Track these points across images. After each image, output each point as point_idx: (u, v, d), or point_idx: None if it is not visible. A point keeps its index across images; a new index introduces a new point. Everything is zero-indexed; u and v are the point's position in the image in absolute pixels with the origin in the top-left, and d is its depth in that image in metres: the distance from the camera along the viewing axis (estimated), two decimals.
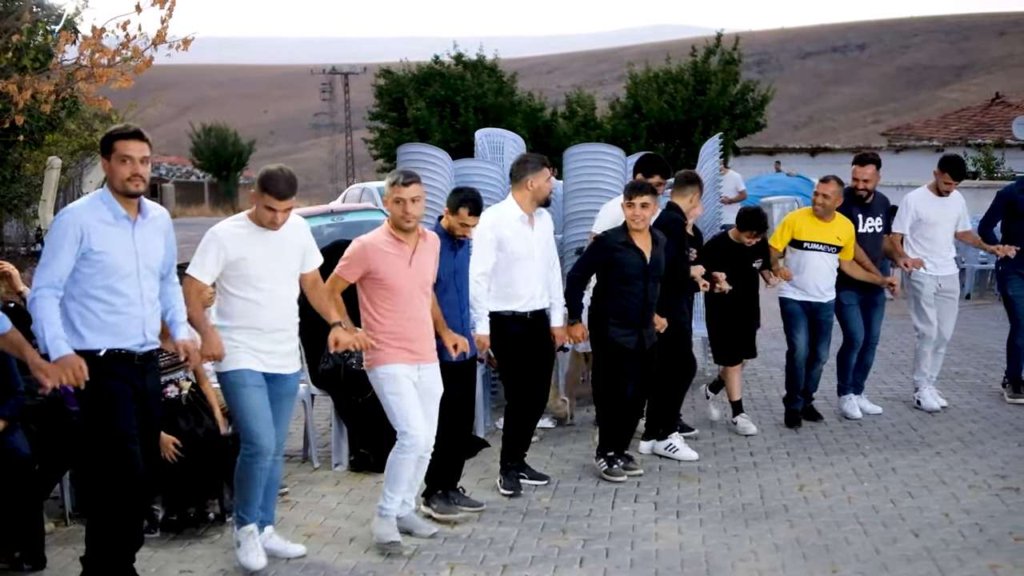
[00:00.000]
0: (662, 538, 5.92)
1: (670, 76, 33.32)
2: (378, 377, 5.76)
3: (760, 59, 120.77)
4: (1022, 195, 8.78)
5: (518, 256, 6.61)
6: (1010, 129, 27.04)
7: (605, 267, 6.85)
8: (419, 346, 5.77)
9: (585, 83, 72.29)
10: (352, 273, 5.74)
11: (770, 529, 6.03)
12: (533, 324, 6.72)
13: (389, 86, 37.67)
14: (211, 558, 5.71)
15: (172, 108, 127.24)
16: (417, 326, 5.77)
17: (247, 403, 5.42)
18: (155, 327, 5.12)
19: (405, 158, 9.08)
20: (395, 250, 5.72)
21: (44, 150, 11.97)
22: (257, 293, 5.43)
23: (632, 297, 6.79)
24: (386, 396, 5.75)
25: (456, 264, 6.21)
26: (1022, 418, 8.32)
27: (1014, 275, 8.77)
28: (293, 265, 5.56)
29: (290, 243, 5.54)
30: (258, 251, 5.41)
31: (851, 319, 8.38)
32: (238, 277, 5.42)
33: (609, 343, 6.84)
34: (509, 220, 6.64)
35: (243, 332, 5.43)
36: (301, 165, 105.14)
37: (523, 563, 5.60)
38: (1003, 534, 5.81)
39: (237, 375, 5.43)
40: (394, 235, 5.75)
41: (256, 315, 5.43)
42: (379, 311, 5.73)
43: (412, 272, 5.73)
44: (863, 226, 8.32)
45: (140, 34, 9.16)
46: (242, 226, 5.48)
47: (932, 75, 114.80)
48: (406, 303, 5.72)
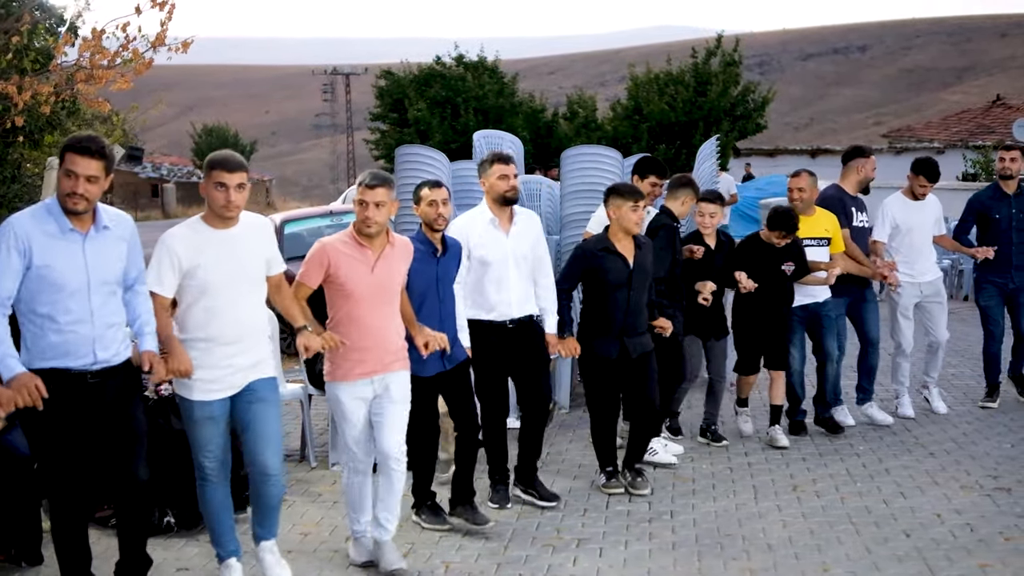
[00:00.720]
0: (656, 537, 5.96)
1: (671, 77, 33.37)
2: (329, 393, 5.52)
3: (761, 60, 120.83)
4: (991, 201, 8.57)
5: (488, 262, 6.25)
6: (1010, 131, 27.03)
7: (587, 276, 6.63)
8: (374, 357, 5.36)
9: (586, 84, 72.31)
10: (312, 277, 5.36)
11: (763, 529, 6.07)
12: (515, 333, 6.31)
13: (390, 87, 37.73)
14: (207, 556, 5.73)
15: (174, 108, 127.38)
16: (374, 337, 5.36)
17: (195, 434, 5.12)
18: (111, 344, 4.77)
19: (403, 160, 9.13)
20: (357, 254, 5.34)
21: (44, 150, 12.02)
22: (216, 302, 4.98)
23: (614, 305, 6.53)
24: (334, 414, 5.63)
25: (439, 271, 5.90)
26: (1016, 420, 8.36)
27: (988, 284, 8.62)
28: (256, 270, 5.12)
29: (251, 245, 5.09)
30: (215, 256, 4.95)
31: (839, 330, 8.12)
32: (195, 287, 4.97)
33: (589, 354, 6.61)
34: (477, 225, 6.30)
35: (196, 347, 4.98)
36: (303, 166, 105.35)
37: (517, 561, 5.64)
38: (994, 534, 5.86)
39: (187, 406, 5.10)
40: (357, 239, 5.36)
41: (211, 325, 4.99)
42: (338, 318, 5.38)
43: (374, 279, 5.33)
44: (856, 219, 8.14)
45: (140, 36, 9.20)
46: (196, 230, 5.01)
47: (933, 77, 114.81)
48: (365, 311, 5.34)
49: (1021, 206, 8.53)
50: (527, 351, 6.36)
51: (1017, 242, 8.50)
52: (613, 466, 6.77)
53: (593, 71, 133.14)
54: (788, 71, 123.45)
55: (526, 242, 6.37)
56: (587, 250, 6.63)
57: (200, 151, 60.14)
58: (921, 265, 8.33)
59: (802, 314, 7.89)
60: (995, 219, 8.49)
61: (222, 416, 5.10)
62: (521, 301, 6.33)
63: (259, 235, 5.16)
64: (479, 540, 5.95)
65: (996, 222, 8.49)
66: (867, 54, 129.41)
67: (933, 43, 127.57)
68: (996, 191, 8.60)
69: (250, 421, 5.11)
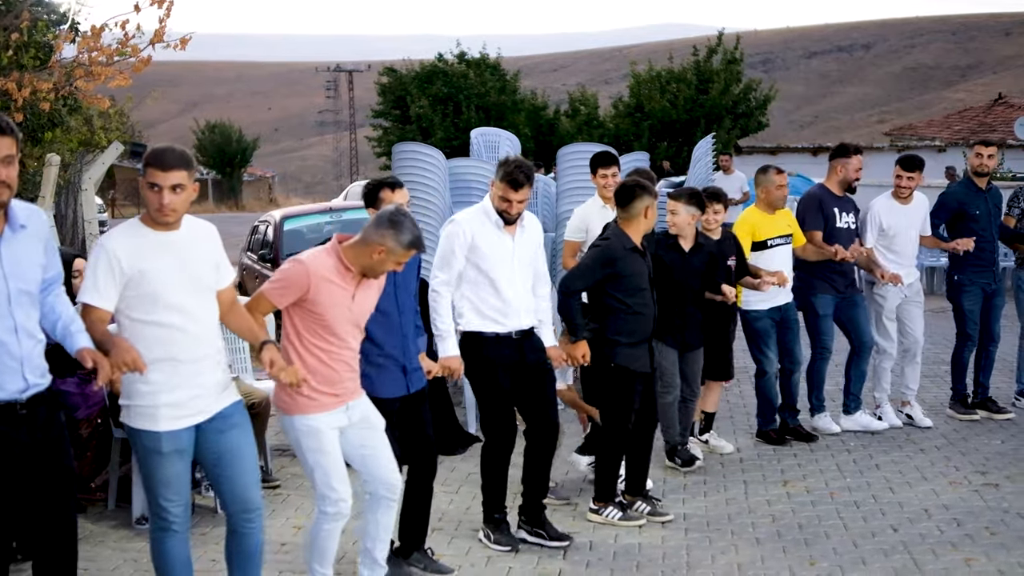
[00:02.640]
0: (645, 532, 6.02)
1: (673, 75, 33.43)
2: (296, 427, 4.75)
3: (765, 58, 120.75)
4: (967, 197, 8.37)
5: (491, 266, 5.67)
6: (1012, 130, 27.03)
7: (611, 279, 6.02)
8: (346, 387, 4.81)
9: (589, 82, 72.35)
10: (285, 298, 4.68)
11: (752, 524, 6.13)
12: (520, 347, 5.74)
13: (392, 84, 37.84)
14: (202, 548, 5.79)
15: (177, 105, 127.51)
16: (347, 367, 4.81)
17: (160, 472, 4.36)
18: (38, 364, 4.08)
19: (400, 157, 9.17)
20: (341, 281, 4.70)
21: (43, 147, 12.07)
22: (167, 314, 4.29)
23: (643, 308, 6.05)
24: (306, 453, 4.76)
25: (398, 279, 5.25)
26: (1009, 419, 8.39)
27: (972, 286, 8.37)
28: (207, 277, 4.44)
29: (199, 251, 4.44)
30: (161, 261, 4.29)
31: (825, 330, 7.99)
32: (141, 296, 4.26)
33: (621, 371, 6.03)
34: (482, 224, 5.71)
35: (159, 368, 4.26)
36: (305, 162, 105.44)
37: (507, 555, 5.69)
38: (980, 529, 5.92)
39: (151, 438, 4.32)
40: (345, 263, 4.71)
41: (171, 341, 4.30)
42: (307, 348, 4.72)
43: (354, 308, 4.76)
44: (840, 221, 7.92)
45: (139, 33, 9.25)
46: (136, 232, 4.33)
47: (937, 75, 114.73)
48: (339, 342, 4.75)
49: (995, 200, 8.46)
50: (533, 369, 5.78)
51: (996, 238, 8.44)
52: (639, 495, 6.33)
53: (595, 68, 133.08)
54: (791, 69, 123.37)
55: (530, 246, 5.85)
56: (611, 251, 6.03)
57: (203, 148, 60.14)
58: (907, 268, 8.17)
59: (775, 316, 7.69)
60: (973, 215, 8.32)
61: (191, 448, 4.42)
62: (528, 310, 5.78)
63: (205, 240, 4.51)
64: (470, 536, 6.00)
65: (975, 218, 8.32)
66: (870, 52, 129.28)
67: (936, 41, 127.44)
68: (970, 187, 8.44)
69: (225, 451, 4.45)
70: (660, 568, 5.52)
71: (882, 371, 8.26)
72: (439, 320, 5.65)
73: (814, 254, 7.84)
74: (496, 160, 9.98)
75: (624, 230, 6.06)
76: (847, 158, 8.02)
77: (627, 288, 6.00)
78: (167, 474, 4.36)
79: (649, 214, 6.07)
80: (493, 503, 5.82)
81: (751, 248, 7.57)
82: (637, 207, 6.03)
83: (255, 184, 63.30)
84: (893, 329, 8.21)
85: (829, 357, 8.06)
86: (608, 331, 6.02)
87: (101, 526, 6.21)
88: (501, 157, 10.04)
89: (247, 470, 4.51)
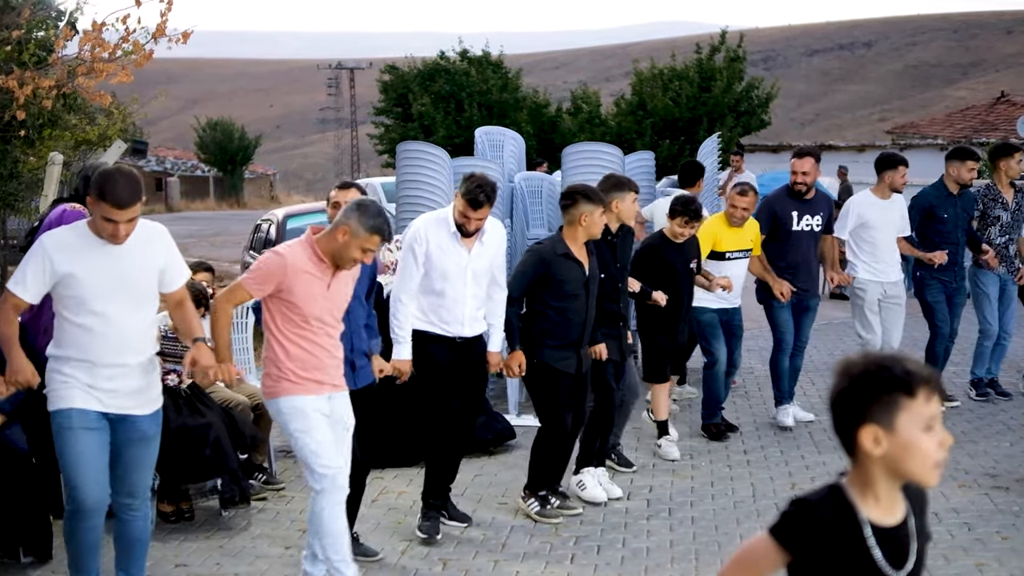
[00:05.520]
0: (653, 535, 5.97)
1: (675, 73, 33.35)
2: (282, 411, 4.87)
3: (767, 56, 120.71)
4: (938, 200, 8.42)
5: (443, 276, 5.76)
6: (1015, 128, 26.98)
7: (542, 282, 6.03)
8: (329, 375, 4.93)
9: (591, 79, 72.27)
10: (261, 288, 4.80)
11: (761, 527, 6.04)
12: (463, 349, 5.87)
13: (394, 82, 37.78)
14: (206, 552, 5.76)
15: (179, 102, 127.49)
16: (328, 354, 4.92)
17: (71, 450, 4.43)
18: None
19: (404, 156, 9.12)
20: (316, 271, 4.82)
21: (45, 145, 12.02)
22: (91, 318, 4.41)
23: (573, 314, 6.03)
24: (293, 434, 4.86)
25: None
26: (1015, 418, 8.35)
27: (933, 280, 8.51)
28: (144, 285, 4.54)
29: (141, 258, 4.52)
30: (94, 266, 4.41)
31: (781, 319, 8.01)
32: (70, 298, 4.41)
33: (546, 369, 6.08)
34: (439, 233, 5.77)
35: (75, 365, 4.45)
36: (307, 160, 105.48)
37: (515, 559, 5.65)
38: (991, 533, 5.86)
39: (63, 415, 4.44)
40: (319, 254, 4.83)
41: (88, 345, 4.43)
42: (286, 336, 4.84)
43: (329, 298, 4.87)
44: (797, 224, 7.91)
45: (140, 27, 9.19)
46: (78, 235, 4.46)
47: (939, 73, 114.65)
48: (317, 330, 4.86)
49: (966, 205, 8.49)
50: (469, 371, 5.93)
51: (961, 242, 8.50)
52: (548, 488, 6.30)
53: (597, 66, 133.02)
54: (793, 67, 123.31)
55: (486, 258, 5.87)
56: (544, 254, 6.03)
57: (204, 145, 60.13)
58: (885, 264, 8.23)
59: (723, 316, 7.84)
60: (942, 218, 8.38)
61: (101, 431, 4.51)
62: (472, 320, 5.88)
63: (153, 245, 4.58)
64: (476, 539, 5.94)
65: (943, 221, 8.38)
66: (872, 50, 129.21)
67: (938, 39, 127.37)
68: (942, 190, 8.47)
69: (125, 457, 4.59)
70: (669, 571, 5.46)
71: None
72: (397, 326, 5.74)
73: (757, 270, 7.98)
74: (501, 159, 9.96)
75: (562, 236, 6.08)
76: (799, 158, 8.00)
77: (557, 293, 6.01)
78: (77, 452, 4.43)
79: (585, 221, 5.97)
80: (432, 490, 5.98)
81: (708, 256, 7.66)
82: (572, 214, 6.00)
83: (256, 181, 63.26)
84: (876, 321, 8.26)
85: (788, 350, 8.10)
86: (534, 331, 6.08)
87: None
88: (511, 156, 10.09)
89: (139, 478, 4.65)
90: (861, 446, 2.31)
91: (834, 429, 2.36)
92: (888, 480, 2.35)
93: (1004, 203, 8.65)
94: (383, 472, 7.11)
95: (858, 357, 2.34)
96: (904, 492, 2.40)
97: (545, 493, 6.26)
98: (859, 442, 2.31)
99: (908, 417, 2.27)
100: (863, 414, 2.29)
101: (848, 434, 2.33)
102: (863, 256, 8.23)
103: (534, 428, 8.02)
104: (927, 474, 2.31)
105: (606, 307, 6.37)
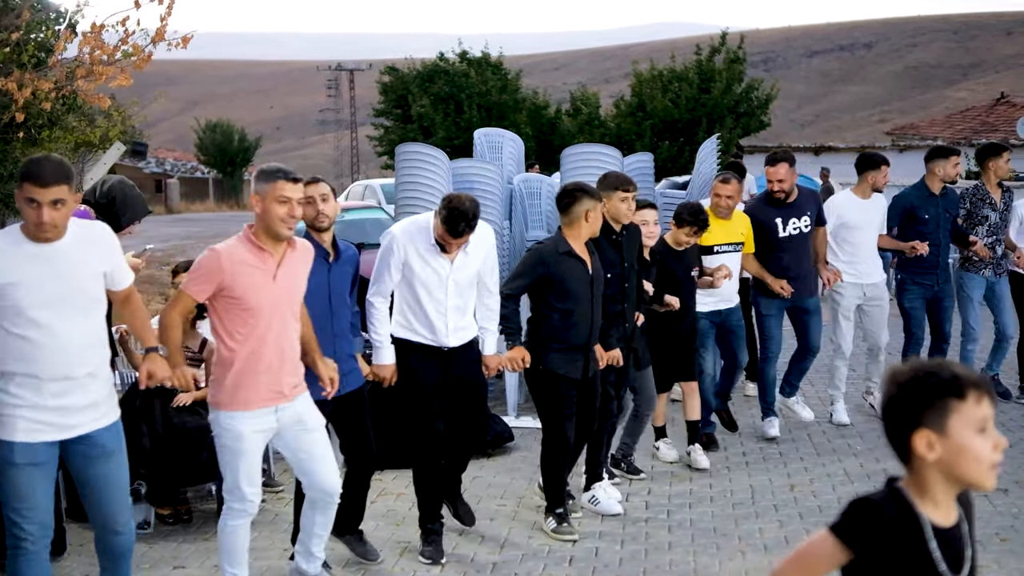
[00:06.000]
0: (651, 537, 5.96)
1: (675, 74, 33.41)
2: (219, 423, 4.63)
3: (766, 57, 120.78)
4: (919, 200, 8.26)
5: (424, 286, 5.54)
6: (1015, 129, 26.98)
7: (544, 284, 5.83)
8: (279, 381, 4.64)
9: (591, 80, 72.33)
10: (201, 290, 4.54)
11: (759, 529, 6.07)
12: (450, 358, 5.62)
13: (393, 83, 37.86)
14: (204, 554, 5.76)
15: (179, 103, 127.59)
16: (280, 356, 4.64)
17: (13, 486, 4.13)
18: None
19: (403, 158, 9.12)
20: (257, 262, 4.56)
21: (44, 147, 12.03)
22: (32, 329, 4.09)
23: (578, 316, 5.82)
24: (222, 450, 4.66)
25: (331, 280, 5.22)
26: (1015, 419, 8.35)
27: (913, 285, 8.38)
28: (91, 289, 4.25)
29: (84, 261, 4.22)
30: (34, 274, 4.09)
31: (770, 328, 7.85)
32: (9, 308, 4.08)
33: (550, 376, 5.86)
34: (420, 242, 5.53)
35: (21, 383, 4.12)
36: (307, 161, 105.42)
37: (513, 561, 5.64)
38: (990, 535, 5.85)
39: (6, 448, 4.12)
40: (256, 243, 4.58)
41: (32, 358, 4.11)
42: (234, 338, 4.57)
43: (277, 289, 4.59)
44: (784, 230, 7.71)
45: (140, 30, 9.20)
46: (13, 241, 4.14)
47: (939, 74, 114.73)
48: (267, 328, 4.58)
49: (948, 205, 8.34)
50: (461, 382, 5.67)
51: (944, 243, 8.34)
52: (565, 507, 6.05)
53: (597, 67, 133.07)
54: (793, 68, 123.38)
55: (471, 268, 5.63)
56: (544, 253, 5.84)
57: (204, 147, 60.19)
58: (865, 266, 8.13)
59: (715, 319, 7.60)
60: (923, 219, 8.23)
61: (49, 463, 4.21)
62: (457, 330, 5.62)
63: (96, 247, 4.31)
64: (475, 540, 5.94)
65: (924, 222, 8.23)
66: (872, 51, 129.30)
67: (938, 40, 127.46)
68: (923, 190, 8.33)
69: (91, 479, 4.30)
70: (666, 573, 5.45)
71: (834, 369, 8.32)
72: (374, 331, 5.55)
73: (755, 269, 7.79)
74: (500, 160, 9.96)
75: (564, 234, 5.86)
76: (771, 166, 7.79)
77: (560, 294, 5.79)
78: (19, 487, 4.13)
79: (590, 217, 5.80)
80: (426, 513, 5.74)
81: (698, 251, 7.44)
82: (576, 211, 5.80)
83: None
84: (849, 328, 8.19)
85: (775, 359, 7.95)
86: (540, 335, 5.88)
87: None
88: (510, 157, 10.07)
89: (114, 498, 4.35)
90: (915, 452, 2.32)
91: (887, 437, 2.39)
92: (944, 484, 2.36)
93: (992, 203, 8.59)
94: (382, 473, 7.11)
95: (905, 365, 2.37)
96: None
97: (562, 511, 6.00)
98: (913, 448, 2.32)
99: (960, 420, 2.29)
100: (915, 420, 2.31)
101: (902, 441, 2.35)
102: (843, 257, 8.12)
103: (533, 430, 8.12)
104: (982, 476, 2.32)
105: (610, 309, 6.22)
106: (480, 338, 5.79)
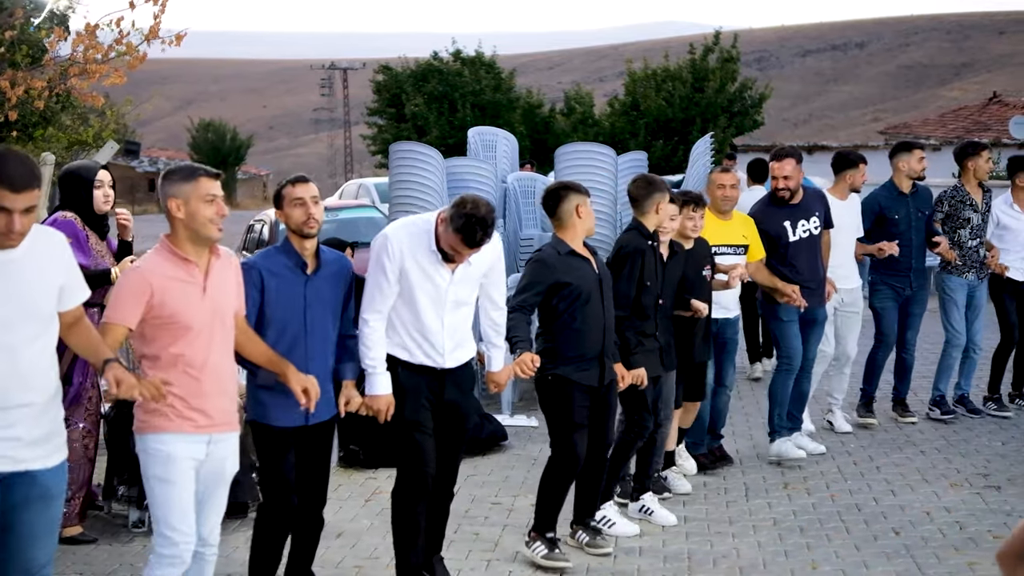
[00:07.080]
0: (645, 535, 5.97)
1: (668, 73, 33.44)
2: (147, 449, 4.08)
3: (760, 56, 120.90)
4: (889, 201, 7.92)
5: (420, 298, 4.88)
6: (1007, 128, 27.03)
7: (552, 291, 5.41)
8: (213, 406, 4.13)
9: (584, 80, 72.33)
10: (129, 314, 4.02)
11: (754, 527, 6.08)
12: (442, 380, 4.98)
13: (387, 82, 37.85)
14: None
15: (172, 102, 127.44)
16: (214, 379, 4.14)
17: None
18: None
19: (397, 156, 9.14)
20: (183, 274, 4.10)
21: (37, 145, 12.02)
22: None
23: (590, 321, 5.42)
24: (149, 479, 4.10)
25: (308, 293, 4.71)
26: (1009, 418, 8.35)
27: (883, 286, 8.04)
28: (45, 304, 3.72)
29: (39, 273, 3.70)
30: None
31: (790, 338, 7.20)
32: None
33: (561, 383, 5.44)
34: (419, 247, 4.87)
35: None
36: (300, 160, 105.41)
37: (507, 559, 5.65)
38: (982, 532, 5.88)
39: None
40: (179, 254, 4.12)
41: None
42: (161, 355, 4.09)
43: (207, 302, 4.11)
44: (794, 234, 7.14)
45: (134, 30, 9.20)
46: None
47: (932, 74, 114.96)
48: (200, 347, 4.10)
49: (919, 205, 8.01)
50: (449, 408, 5.02)
51: (916, 244, 7.97)
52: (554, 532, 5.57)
53: (591, 67, 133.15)
54: (786, 67, 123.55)
55: (472, 282, 5.03)
56: (547, 258, 5.45)
57: (197, 146, 60.16)
58: (843, 269, 7.66)
59: (712, 329, 6.82)
60: (893, 220, 7.88)
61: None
62: (454, 349, 4.99)
63: (50, 257, 3.77)
64: (469, 539, 5.94)
65: (895, 223, 7.88)
66: (865, 50, 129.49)
67: (931, 40, 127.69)
68: (892, 190, 7.99)
69: (17, 525, 3.70)
70: (661, 571, 5.47)
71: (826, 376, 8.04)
72: (367, 354, 4.85)
73: (765, 279, 7.12)
74: (493, 159, 9.97)
75: (560, 237, 5.51)
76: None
77: (568, 299, 5.39)
78: None
79: (582, 213, 5.43)
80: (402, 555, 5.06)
81: None
82: (565, 209, 5.45)
83: (250, 182, 63.29)
84: (830, 332, 7.64)
85: (794, 372, 7.24)
86: (549, 347, 5.47)
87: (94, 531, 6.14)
88: (504, 156, 10.07)
89: (39, 550, 3.75)
90: None
91: None
92: None
93: (974, 204, 8.18)
94: (376, 472, 7.12)
95: None
96: None
97: (553, 536, 5.54)
98: None
99: None
100: None
101: None
102: None
103: (527, 428, 8.13)
104: None
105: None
106: (486, 355, 5.26)
